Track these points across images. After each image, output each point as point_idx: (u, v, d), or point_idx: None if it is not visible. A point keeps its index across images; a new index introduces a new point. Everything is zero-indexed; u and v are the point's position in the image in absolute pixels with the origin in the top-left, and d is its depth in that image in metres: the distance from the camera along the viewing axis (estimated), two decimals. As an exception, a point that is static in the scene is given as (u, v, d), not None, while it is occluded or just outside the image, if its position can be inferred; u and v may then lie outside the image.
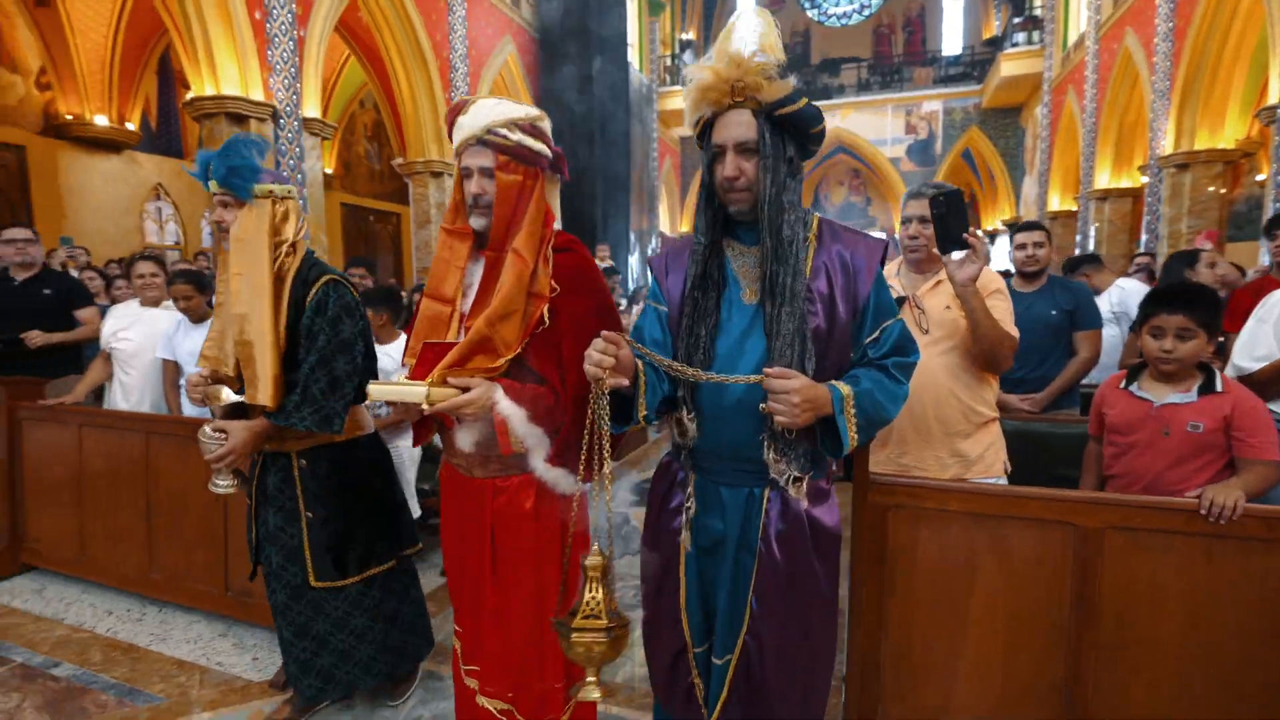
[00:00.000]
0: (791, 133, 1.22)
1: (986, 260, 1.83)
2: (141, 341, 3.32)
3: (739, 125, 1.20)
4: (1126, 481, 1.91)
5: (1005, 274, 3.18)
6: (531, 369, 1.43)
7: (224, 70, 7.01)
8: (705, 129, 1.27)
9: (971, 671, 1.68)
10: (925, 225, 1.92)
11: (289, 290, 1.81)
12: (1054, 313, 2.78)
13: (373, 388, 1.33)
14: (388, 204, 14.12)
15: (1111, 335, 3.59)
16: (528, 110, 1.44)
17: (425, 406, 1.31)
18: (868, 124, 17.17)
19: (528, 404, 1.37)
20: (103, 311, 3.79)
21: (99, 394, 3.62)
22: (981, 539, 1.66)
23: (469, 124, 1.39)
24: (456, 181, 1.47)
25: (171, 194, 10.55)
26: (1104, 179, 11.23)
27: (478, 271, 1.46)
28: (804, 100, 1.18)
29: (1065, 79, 12.86)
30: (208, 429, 1.73)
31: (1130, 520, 1.55)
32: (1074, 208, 12.82)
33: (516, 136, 1.39)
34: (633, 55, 14.18)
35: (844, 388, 1.19)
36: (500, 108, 1.40)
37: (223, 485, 1.76)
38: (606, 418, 1.05)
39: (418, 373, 1.39)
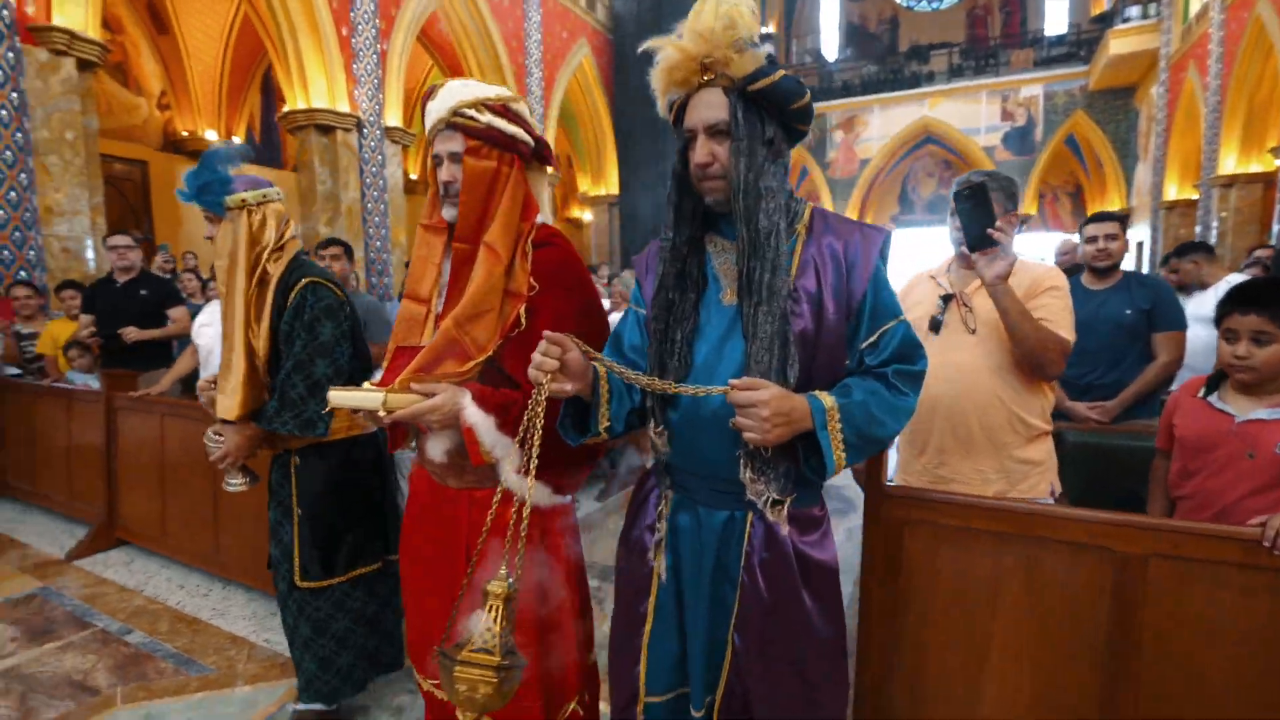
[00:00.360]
0: (770, 111, 1.09)
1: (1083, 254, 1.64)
2: (219, 338, 3.59)
3: (709, 106, 1.09)
4: (1195, 505, 1.69)
5: (1076, 269, 2.91)
6: (506, 374, 1.32)
7: (314, 84, 7.49)
8: (679, 114, 1.16)
9: (993, 702, 1.54)
10: None
11: (272, 296, 1.79)
12: (1128, 312, 2.51)
13: (332, 394, 1.25)
14: (469, 207, 14.64)
15: (1212, 338, 3.20)
16: (499, 91, 1.32)
17: (382, 414, 1.21)
18: (959, 112, 16.20)
19: (497, 411, 1.26)
20: (193, 311, 4.13)
21: (191, 385, 3.95)
22: (1008, 561, 1.51)
23: (436, 107, 1.30)
24: (430, 172, 1.36)
25: (274, 201, 11.48)
26: (1230, 163, 10.07)
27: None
28: (779, 73, 1.05)
29: (1185, 55, 11.65)
30: (210, 431, 1.82)
31: (1179, 548, 1.37)
32: (1194, 196, 11.57)
33: (486, 118, 1.28)
34: (708, 52, 14.01)
35: (827, 399, 1.04)
36: (468, 88, 1.30)
37: (234, 484, 1.86)
38: (539, 425, 0.98)
39: (387, 378, 1.29)
